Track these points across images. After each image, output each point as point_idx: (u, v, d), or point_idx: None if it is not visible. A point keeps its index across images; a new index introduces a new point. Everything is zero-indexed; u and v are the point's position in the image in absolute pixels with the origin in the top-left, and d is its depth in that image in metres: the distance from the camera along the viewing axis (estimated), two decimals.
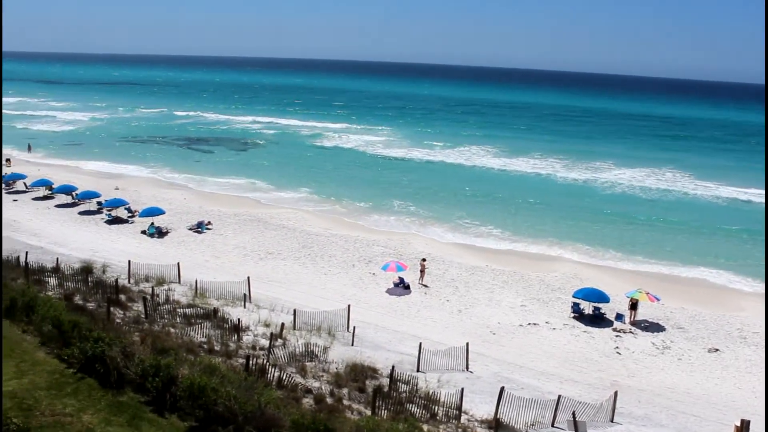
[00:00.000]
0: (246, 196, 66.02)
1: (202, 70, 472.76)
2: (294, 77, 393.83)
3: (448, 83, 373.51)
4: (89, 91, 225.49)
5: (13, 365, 18.28)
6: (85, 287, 30.21)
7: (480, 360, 30.24)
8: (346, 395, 21.25)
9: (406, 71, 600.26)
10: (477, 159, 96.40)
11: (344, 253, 46.97)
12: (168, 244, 48.16)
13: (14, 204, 58.64)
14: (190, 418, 16.48)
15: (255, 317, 30.20)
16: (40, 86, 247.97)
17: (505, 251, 50.79)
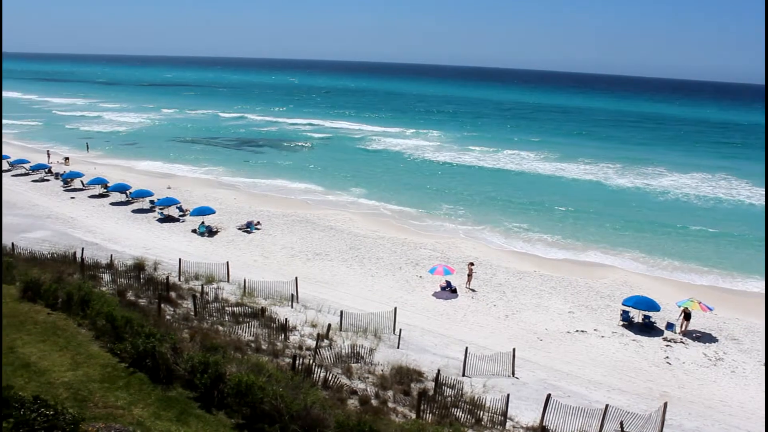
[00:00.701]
0: (294, 197, 66.51)
1: (252, 72, 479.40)
2: (343, 80, 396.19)
3: (500, 87, 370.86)
4: (141, 92, 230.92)
5: (69, 357, 18.76)
6: (137, 284, 30.84)
7: (526, 366, 29.92)
8: (391, 398, 21.25)
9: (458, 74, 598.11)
10: (527, 164, 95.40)
11: (391, 256, 47.00)
12: (217, 243, 48.83)
13: (72, 201, 60.26)
14: (237, 415, 16.66)
15: (302, 317, 30.41)
16: (95, 87, 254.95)
17: (553, 257, 50.17)
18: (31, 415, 12.55)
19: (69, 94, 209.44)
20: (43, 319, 21.55)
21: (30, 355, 18.75)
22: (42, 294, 23.08)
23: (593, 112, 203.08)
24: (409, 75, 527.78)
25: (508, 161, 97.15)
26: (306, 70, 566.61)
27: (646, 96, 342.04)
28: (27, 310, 22.19)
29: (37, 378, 17.36)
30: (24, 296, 23.33)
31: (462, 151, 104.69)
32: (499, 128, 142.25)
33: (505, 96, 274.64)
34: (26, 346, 19.34)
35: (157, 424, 15.78)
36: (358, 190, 71.01)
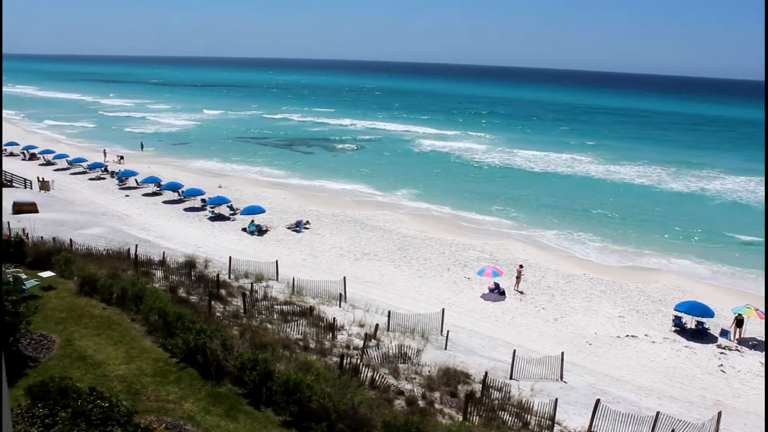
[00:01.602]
0: (343, 197, 66.84)
1: (299, 73, 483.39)
2: (393, 80, 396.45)
3: (553, 88, 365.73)
4: (191, 93, 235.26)
5: (123, 351, 19.21)
6: (189, 281, 31.33)
7: (575, 370, 29.53)
8: (438, 399, 21.19)
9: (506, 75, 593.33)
10: (579, 166, 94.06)
11: (440, 257, 46.88)
12: (267, 241, 49.35)
13: (126, 199, 61.65)
14: (284, 412, 16.83)
15: (350, 317, 30.52)
16: (150, 88, 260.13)
17: (603, 260, 49.39)
18: (87, 406, 12.89)
19: (122, 95, 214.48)
20: (98, 313, 22.11)
21: (86, 348, 19.26)
22: (98, 289, 23.68)
23: (648, 114, 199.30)
24: (456, 76, 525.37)
25: (559, 163, 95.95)
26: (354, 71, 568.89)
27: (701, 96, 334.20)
28: (84, 305, 22.79)
29: (93, 370, 17.83)
30: (81, 291, 23.98)
31: (512, 153, 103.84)
32: (550, 130, 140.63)
33: (555, 97, 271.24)
34: (83, 339, 19.87)
35: (207, 419, 16.04)
36: (407, 191, 71.01)
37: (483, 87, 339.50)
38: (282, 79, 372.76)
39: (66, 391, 13.51)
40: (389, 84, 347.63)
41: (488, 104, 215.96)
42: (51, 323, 20.92)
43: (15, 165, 73.89)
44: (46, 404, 13.04)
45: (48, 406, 12.94)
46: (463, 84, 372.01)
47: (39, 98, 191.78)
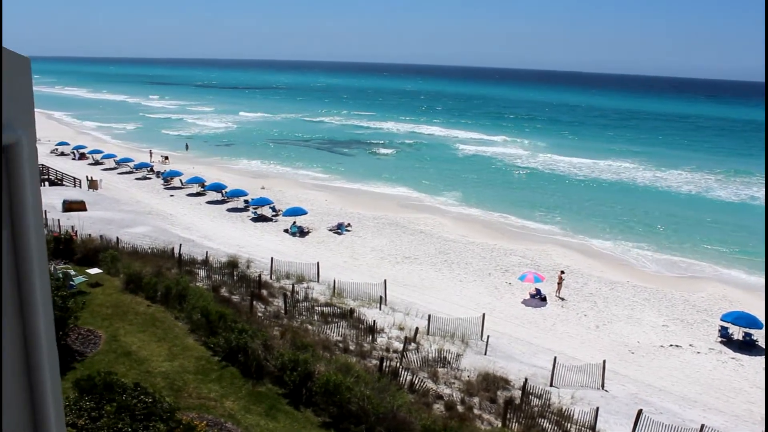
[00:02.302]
0: (385, 200, 66.84)
1: (344, 76, 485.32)
2: (435, 84, 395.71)
3: (596, 92, 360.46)
4: (235, 96, 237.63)
5: (166, 348, 19.49)
6: (231, 280, 31.73)
7: (616, 379, 29.10)
8: (477, 404, 21.09)
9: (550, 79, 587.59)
10: (624, 172, 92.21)
11: (481, 261, 46.62)
12: (308, 243, 49.64)
13: (171, 199, 62.62)
14: (324, 413, 16.90)
15: (390, 320, 30.55)
16: (193, 90, 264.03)
17: (647, 268, 48.54)
18: (132, 401, 13.11)
19: (166, 96, 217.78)
20: (143, 310, 22.49)
21: (131, 344, 19.60)
22: (143, 286, 24.10)
23: (692, 118, 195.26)
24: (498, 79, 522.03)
25: (604, 169, 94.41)
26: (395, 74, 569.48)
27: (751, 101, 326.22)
28: (129, 301, 23.20)
29: (138, 366, 18.13)
30: (127, 288, 24.42)
31: (555, 158, 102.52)
32: (594, 135, 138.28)
33: (599, 101, 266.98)
34: (128, 335, 20.22)
35: (247, 417, 16.18)
36: (449, 195, 70.76)
37: (526, 91, 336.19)
38: (322, 82, 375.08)
39: (111, 386, 13.77)
40: (431, 87, 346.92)
41: (531, 108, 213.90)
42: (98, 319, 21.36)
43: (65, 164, 75.72)
44: (93, 397, 13.31)
45: (94, 400, 13.21)
46: (505, 88, 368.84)
47: (88, 100, 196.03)
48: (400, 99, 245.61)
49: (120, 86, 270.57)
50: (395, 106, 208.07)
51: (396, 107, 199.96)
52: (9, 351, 2.86)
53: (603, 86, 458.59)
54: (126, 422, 12.48)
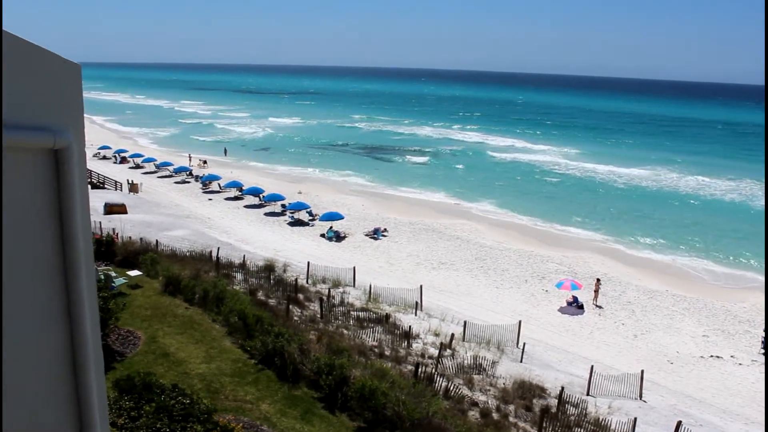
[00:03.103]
0: (421, 206, 66.76)
1: (380, 81, 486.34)
2: (472, 89, 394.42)
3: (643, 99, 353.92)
4: (272, 101, 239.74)
5: (204, 351, 19.72)
6: (268, 284, 31.98)
7: (654, 389, 28.61)
8: (513, 412, 20.93)
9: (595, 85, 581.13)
10: (666, 180, 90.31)
11: (517, 268, 46.30)
12: (345, 248, 49.80)
13: (209, 203, 63.37)
14: (359, 418, 16.92)
15: (425, 325, 30.49)
16: (233, 95, 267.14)
17: (687, 276, 47.68)
18: (170, 402, 13.28)
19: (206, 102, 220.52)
20: (181, 312, 22.78)
21: (169, 345, 19.86)
22: (181, 289, 24.43)
23: (739, 126, 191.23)
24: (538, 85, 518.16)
25: (644, 176, 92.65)
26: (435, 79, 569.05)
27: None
28: (168, 304, 23.53)
29: (175, 367, 18.36)
30: (165, 290, 24.78)
31: (594, 165, 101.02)
32: (634, 142, 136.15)
33: (642, 107, 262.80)
34: (166, 336, 20.50)
35: (283, 420, 16.27)
36: (486, 201, 70.41)
37: (563, 97, 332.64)
38: (358, 87, 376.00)
39: (150, 386, 13.97)
40: (468, 93, 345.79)
41: (569, 115, 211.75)
42: (137, 320, 21.70)
43: (107, 168, 77.15)
44: (132, 397, 13.52)
45: (133, 400, 13.41)
46: (542, 94, 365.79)
47: (128, 104, 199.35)
48: (437, 105, 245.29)
49: (159, 91, 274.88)
50: (432, 111, 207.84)
51: (433, 113, 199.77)
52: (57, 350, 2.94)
53: (644, 92, 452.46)
54: (164, 422, 12.64)
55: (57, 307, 2.84)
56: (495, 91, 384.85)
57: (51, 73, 2.73)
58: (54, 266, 2.80)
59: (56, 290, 2.82)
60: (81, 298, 2.89)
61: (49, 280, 2.77)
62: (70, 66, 2.89)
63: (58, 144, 2.69)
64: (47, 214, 2.72)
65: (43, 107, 2.65)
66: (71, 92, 2.94)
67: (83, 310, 2.92)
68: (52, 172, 2.74)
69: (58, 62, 2.79)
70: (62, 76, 2.85)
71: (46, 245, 2.73)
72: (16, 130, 2.43)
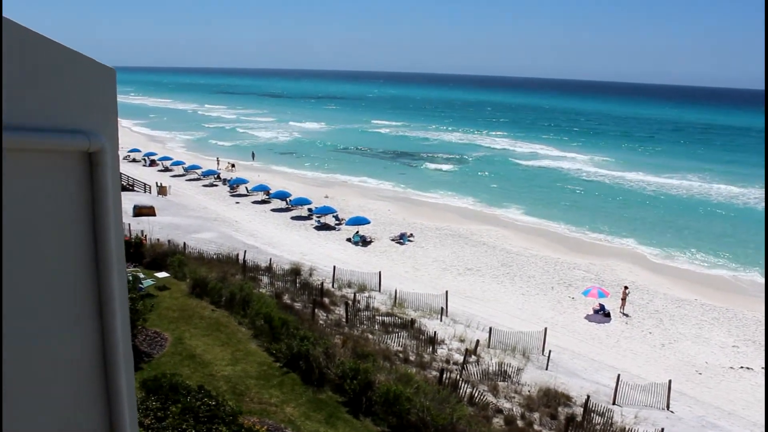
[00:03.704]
0: (448, 212, 66.58)
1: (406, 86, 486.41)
2: (501, 95, 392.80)
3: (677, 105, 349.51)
4: (302, 105, 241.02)
5: (230, 353, 19.84)
6: (293, 288, 32.09)
7: (682, 400, 28.22)
8: (537, 420, 20.79)
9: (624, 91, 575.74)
10: (697, 188, 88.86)
11: (543, 275, 46.00)
12: (371, 252, 49.85)
13: (237, 206, 63.83)
14: (383, 423, 16.91)
15: (450, 331, 30.40)
16: (264, 100, 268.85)
17: (717, 285, 46.95)
18: (196, 404, 13.40)
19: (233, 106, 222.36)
20: (208, 314, 22.97)
21: (196, 347, 20.02)
22: (208, 291, 24.63)
23: None
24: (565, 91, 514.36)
25: (675, 185, 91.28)
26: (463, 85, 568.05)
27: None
28: (195, 305, 23.73)
29: (201, 369, 18.50)
30: (192, 292, 24.99)
31: (624, 172, 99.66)
32: (678, 150, 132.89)
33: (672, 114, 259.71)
34: (193, 338, 20.68)
35: (307, 424, 16.32)
36: (513, 207, 70.06)
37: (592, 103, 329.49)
38: (385, 92, 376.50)
39: (177, 387, 14.10)
40: (496, 98, 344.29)
41: (599, 121, 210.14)
42: (164, 322, 21.91)
43: (136, 170, 78.03)
44: (159, 398, 13.66)
45: (160, 400, 13.55)
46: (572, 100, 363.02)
47: (157, 108, 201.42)
48: (465, 110, 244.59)
49: (184, 95, 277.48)
50: (459, 117, 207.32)
51: (460, 118, 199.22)
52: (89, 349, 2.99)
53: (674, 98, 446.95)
54: (190, 423, 12.75)
55: (90, 306, 2.88)
56: (522, 96, 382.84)
57: (87, 77, 2.78)
58: (87, 266, 2.85)
59: (89, 290, 2.87)
60: (113, 299, 2.93)
61: (83, 280, 2.81)
62: (104, 70, 2.94)
63: (93, 147, 2.74)
64: (81, 215, 2.77)
65: (78, 110, 2.70)
66: (106, 96, 2.99)
67: (115, 311, 2.96)
68: (87, 175, 2.78)
69: (93, 66, 2.84)
70: (97, 80, 2.90)
71: (80, 246, 2.77)
72: (51, 132, 2.48)
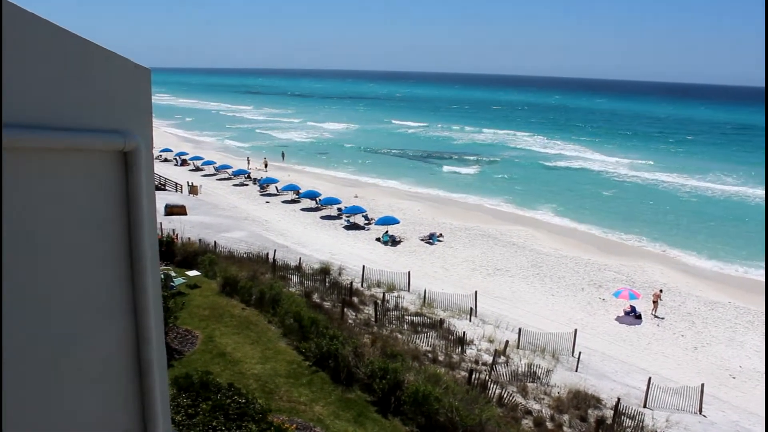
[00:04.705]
0: (477, 212, 66.30)
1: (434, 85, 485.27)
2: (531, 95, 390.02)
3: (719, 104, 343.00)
4: (332, 105, 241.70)
5: (259, 351, 19.97)
6: (323, 287, 32.20)
7: (715, 404, 27.78)
8: (567, 422, 20.64)
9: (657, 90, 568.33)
10: (733, 189, 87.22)
11: (574, 276, 45.61)
12: (400, 252, 49.84)
13: (267, 205, 64.23)
14: (411, 423, 16.89)
15: (479, 332, 30.30)
16: (292, 99, 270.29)
17: (751, 288, 46.06)
18: (226, 401, 13.51)
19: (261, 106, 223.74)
20: (238, 313, 23.14)
21: (226, 345, 20.18)
22: (238, 290, 24.81)
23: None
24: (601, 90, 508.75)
25: (709, 187, 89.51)
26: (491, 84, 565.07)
27: None
28: (225, 304, 23.93)
29: (231, 367, 18.64)
30: (223, 291, 25.20)
31: (657, 174, 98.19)
32: (716, 150, 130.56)
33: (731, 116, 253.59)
34: (223, 336, 20.85)
35: (336, 423, 16.36)
36: (543, 207, 69.56)
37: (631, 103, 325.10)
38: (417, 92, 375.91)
39: (207, 385, 14.23)
40: (527, 98, 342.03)
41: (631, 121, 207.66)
42: (195, 320, 22.12)
43: (168, 170, 78.93)
44: (190, 395, 13.80)
45: (191, 397, 13.69)
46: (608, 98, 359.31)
47: (186, 108, 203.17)
48: (494, 110, 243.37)
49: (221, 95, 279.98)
50: (490, 116, 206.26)
51: (492, 118, 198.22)
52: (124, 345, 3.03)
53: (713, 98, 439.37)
54: (220, 421, 12.86)
55: (125, 303, 2.92)
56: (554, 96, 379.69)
57: (123, 77, 2.81)
58: (122, 264, 2.89)
59: (124, 288, 2.91)
60: (147, 296, 2.97)
61: (118, 278, 2.85)
62: (140, 70, 2.98)
63: (128, 146, 2.77)
64: (116, 214, 2.81)
65: (113, 110, 2.74)
66: (141, 96, 3.03)
67: (149, 308, 3.00)
68: (122, 174, 2.82)
69: (129, 66, 2.87)
70: (133, 80, 2.93)
71: (115, 244, 2.81)
72: (87, 132, 2.52)
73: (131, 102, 2.92)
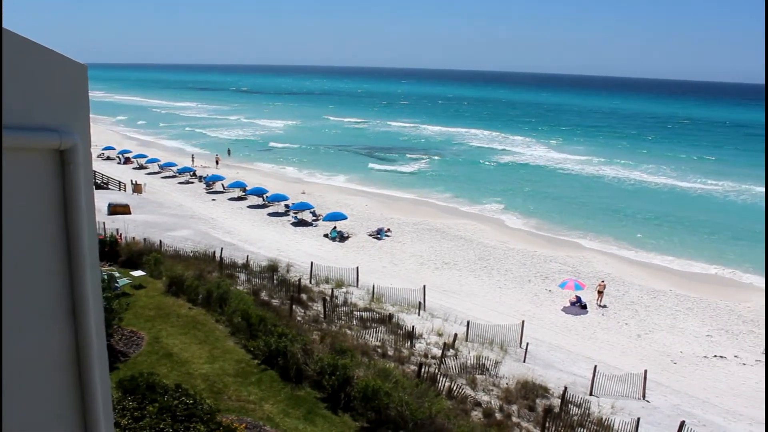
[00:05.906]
0: (425, 207, 66.64)
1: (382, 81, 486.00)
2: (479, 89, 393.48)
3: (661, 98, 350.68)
4: (281, 100, 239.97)
5: (207, 351, 19.75)
6: (271, 284, 32.00)
7: (658, 389, 28.56)
8: (516, 412, 20.93)
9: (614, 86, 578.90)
10: (672, 180, 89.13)
11: (520, 268, 46.27)
12: (348, 248, 49.80)
13: (213, 203, 63.45)
14: (361, 418, 16.93)
15: (428, 325, 30.49)
16: (238, 96, 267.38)
17: (690, 276, 47.43)
18: (173, 402, 13.30)
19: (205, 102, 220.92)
20: (185, 312, 22.82)
21: (173, 345, 19.90)
22: (185, 289, 24.47)
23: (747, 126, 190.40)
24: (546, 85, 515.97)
25: (658, 176, 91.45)
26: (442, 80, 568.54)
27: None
28: (171, 304, 23.58)
29: (179, 368, 18.39)
30: (169, 290, 24.83)
31: (602, 165, 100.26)
32: (660, 144, 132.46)
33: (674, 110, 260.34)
34: (170, 337, 20.54)
35: (286, 421, 16.29)
36: (490, 201, 70.29)
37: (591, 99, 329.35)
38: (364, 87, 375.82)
39: (154, 387, 13.99)
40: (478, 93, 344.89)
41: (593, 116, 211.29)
42: (141, 320, 21.75)
43: (111, 168, 77.29)
44: (135, 398, 13.55)
45: (137, 400, 13.44)
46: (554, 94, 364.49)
47: (132, 105, 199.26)
48: (445, 104, 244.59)
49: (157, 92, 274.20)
50: (439, 112, 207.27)
51: (440, 114, 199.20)
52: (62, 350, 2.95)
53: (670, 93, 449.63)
54: (167, 423, 12.67)
55: (62, 307, 2.84)
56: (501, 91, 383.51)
57: (57, 74, 2.73)
58: (59, 266, 2.81)
59: (61, 290, 2.83)
60: (86, 298, 2.89)
61: (55, 280, 2.77)
62: (76, 66, 2.90)
63: (64, 144, 2.69)
64: (53, 214, 2.73)
65: (49, 107, 2.66)
66: (77, 93, 2.95)
67: (88, 311, 2.92)
68: (58, 173, 2.74)
69: (64, 62, 2.79)
70: (68, 77, 2.85)
71: (51, 245, 2.73)
72: (22, 130, 2.44)
73: (67, 99, 2.84)
